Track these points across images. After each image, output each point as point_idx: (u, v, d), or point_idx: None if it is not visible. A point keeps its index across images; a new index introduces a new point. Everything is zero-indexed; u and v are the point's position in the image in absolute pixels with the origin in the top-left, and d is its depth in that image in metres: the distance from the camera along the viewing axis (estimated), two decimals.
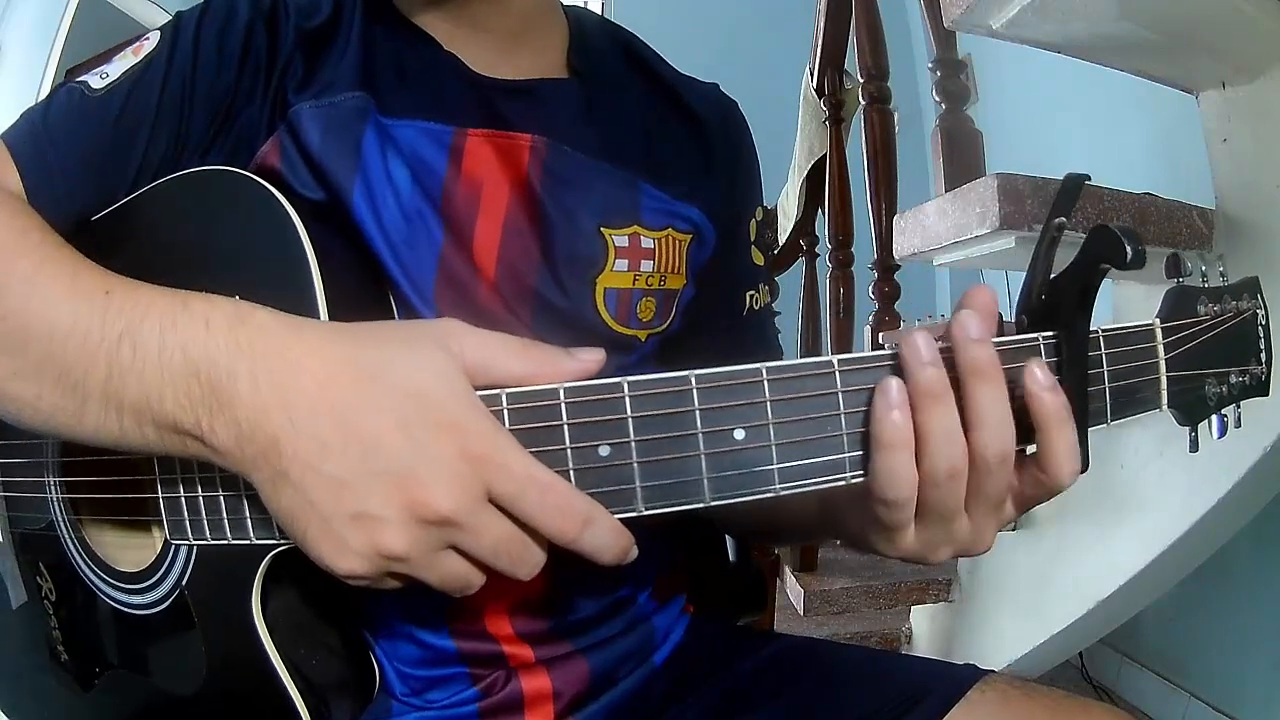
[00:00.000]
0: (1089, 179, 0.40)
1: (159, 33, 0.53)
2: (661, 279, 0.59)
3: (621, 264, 0.57)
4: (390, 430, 0.35)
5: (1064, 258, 0.40)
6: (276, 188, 0.49)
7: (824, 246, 2.05)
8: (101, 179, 0.50)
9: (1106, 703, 0.57)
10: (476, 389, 0.37)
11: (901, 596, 1.60)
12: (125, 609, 0.50)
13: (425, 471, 0.35)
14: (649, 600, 0.63)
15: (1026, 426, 0.39)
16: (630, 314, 0.58)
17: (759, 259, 0.67)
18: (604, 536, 0.37)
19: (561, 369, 0.38)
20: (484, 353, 0.38)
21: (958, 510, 0.39)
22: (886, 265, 1.61)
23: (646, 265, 0.58)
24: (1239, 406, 0.46)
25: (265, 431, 0.36)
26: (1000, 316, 0.41)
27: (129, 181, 0.50)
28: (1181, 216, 1.10)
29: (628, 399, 0.37)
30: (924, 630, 1.68)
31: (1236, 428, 0.46)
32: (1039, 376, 0.38)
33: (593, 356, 0.39)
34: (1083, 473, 0.40)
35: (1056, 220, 0.40)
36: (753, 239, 0.67)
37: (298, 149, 0.52)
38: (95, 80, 0.51)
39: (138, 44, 0.52)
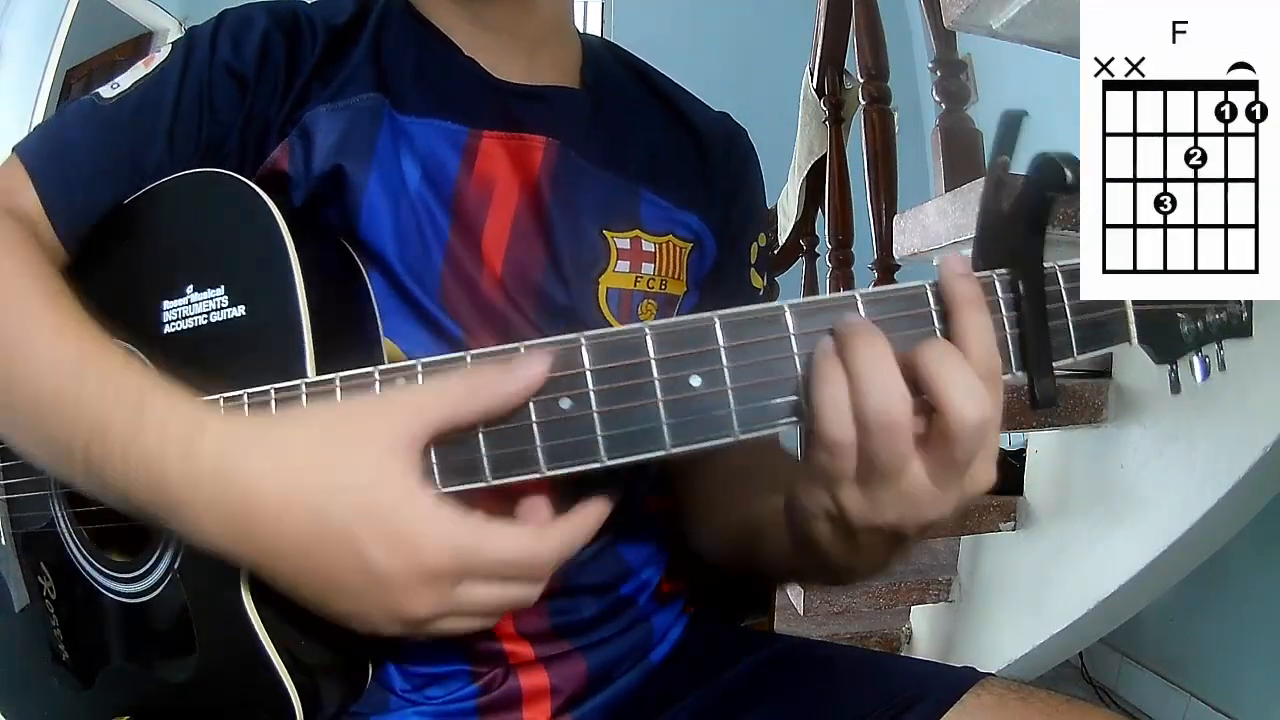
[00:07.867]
0: (1026, 114, 0.40)
1: (171, 45, 0.54)
2: (662, 283, 0.60)
3: (623, 265, 0.58)
4: (353, 571, 0.38)
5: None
6: (284, 190, 0.50)
7: (824, 246, 2.05)
8: (120, 183, 0.51)
9: (1105, 704, 0.57)
10: (446, 428, 0.38)
11: (901, 596, 1.59)
12: (122, 599, 0.50)
13: (394, 596, 0.38)
14: (650, 601, 0.64)
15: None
16: (632, 314, 0.59)
17: (757, 283, 0.67)
18: (577, 545, 0.41)
19: (505, 390, 0.38)
20: (436, 414, 0.38)
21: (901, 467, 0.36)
22: (886, 265, 1.61)
23: (648, 268, 0.59)
24: (1221, 347, 0.44)
25: (236, 557, 0.39)
26: None
27: (148, 183, 0.51)
28: None
29: (584, 351, 0.38)
30: (924, 630, 1.68)
31: (1221, 370, 0.44)
32: (954, 264, 0.38)
33: (534, 368, 0.38)
34: (1052, 408, 0.38)
35: (1000, 159, 0.40)
36: (753, 261, 0.67)
37: (310, 151, 0.53)
38: (107, 91, 0.53)
39: (149, 55, 0.54)
